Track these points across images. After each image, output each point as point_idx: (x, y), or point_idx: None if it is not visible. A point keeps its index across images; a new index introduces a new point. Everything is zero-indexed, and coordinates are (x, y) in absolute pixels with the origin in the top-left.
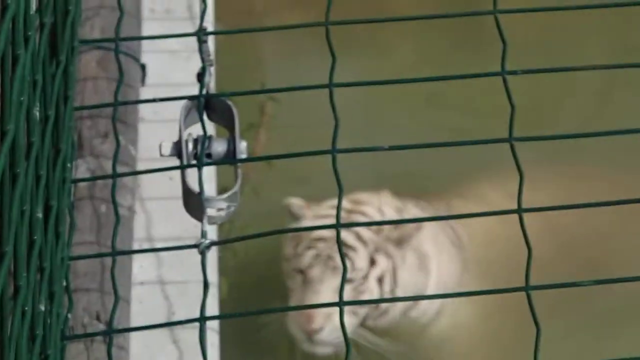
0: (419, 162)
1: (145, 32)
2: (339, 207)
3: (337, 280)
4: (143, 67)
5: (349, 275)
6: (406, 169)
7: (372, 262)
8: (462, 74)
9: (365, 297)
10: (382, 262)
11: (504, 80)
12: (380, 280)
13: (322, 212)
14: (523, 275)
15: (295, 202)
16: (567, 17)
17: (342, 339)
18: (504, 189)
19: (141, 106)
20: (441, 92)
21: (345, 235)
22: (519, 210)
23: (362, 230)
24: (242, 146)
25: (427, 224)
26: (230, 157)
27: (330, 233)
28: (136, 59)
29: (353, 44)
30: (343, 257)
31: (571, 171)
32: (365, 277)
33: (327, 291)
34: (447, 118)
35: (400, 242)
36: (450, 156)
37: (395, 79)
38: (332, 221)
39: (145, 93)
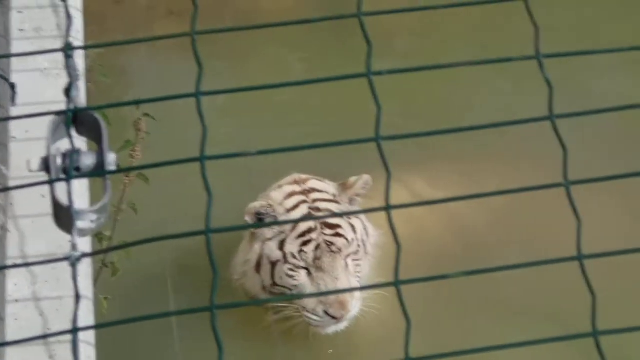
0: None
1: (15, 51)
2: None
3: (343, 261)
4: (13, 87)
5: (352, 249)
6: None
7: (354, 231)
8: (329, 76)
9: (361, 264)
10: (358, 226)
11: (370, 82)
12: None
13: (288, 205)
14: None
15: (259, 204)
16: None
17: None
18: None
19: (12, 125)
20: (309, 94)
21: (340, 223)
22: (388, 208)
23: (332, 207)
24: (111, 158)
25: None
26: (99, 170)
27: (312, 223)
28: (5, 79)
29: (234, 52)
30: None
31: (468, 168)
32: (359, 246)
33: (343, 274)
34: (314, 119)
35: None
36: (334, 155)
37: (265, 84)
38: (300, 210)
39: (16, 112)
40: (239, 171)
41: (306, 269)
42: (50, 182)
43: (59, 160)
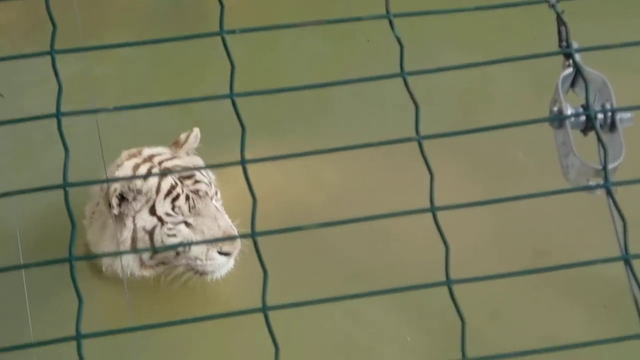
0: None
1: None
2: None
3: (212, 203)
4: None
5: (213, 191)
6: None
7: (205, 176)
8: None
9: (222, 205)
10: (204, 173)
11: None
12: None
13: (138, 162)
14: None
15: (118, 185)
16: None
17: None
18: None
19: None
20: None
21: (194, 171)
22: (243, 162)
23: (178, 162)
24: None
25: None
26: None
27: (173, 180)
28: None
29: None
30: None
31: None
32: (215, 187)
33: (219, 214)
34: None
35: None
36: None
37: None
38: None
39: None
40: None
41: (184, 222)
42: None
43: None
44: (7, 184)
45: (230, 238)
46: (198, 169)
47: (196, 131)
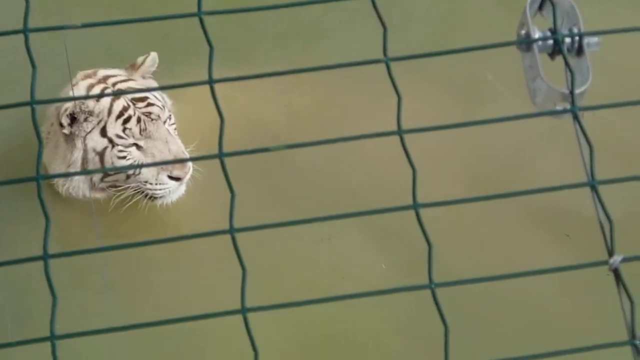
0: None
1: None
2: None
3: (164, 126)
4: None
5: (166, 114)
6: None
7: (159, 99)
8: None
9: (176, 128)
10: (159, 96)
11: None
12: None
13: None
14: None
15: (69, 105)
16: None
17: None
18: None
19: None
20: None
21: (147, 94)
22: (211, 82)
23: (132, 84)
24: None
25: None
26: None
27: (125, 102)
28: None
29: None
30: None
31: None
32: (169, 111)
33: (170, 137)
34: None
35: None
36: None
37: None
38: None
39: None
40: None
41: (134, 144)
42: None
43: None
44: None
45: (182, 161)
46: (155, 89)
47: (153, 55)
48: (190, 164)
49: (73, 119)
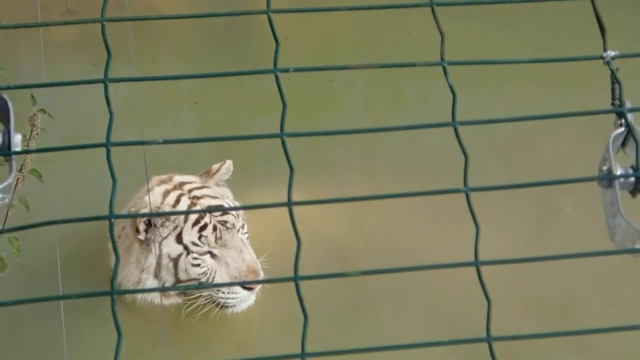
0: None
1: None
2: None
3: (238, 235)
4: None
5: (240, 223)
6: None
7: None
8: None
9: (249, 238)
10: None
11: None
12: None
13: (171, 202)
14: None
15: (147, 212)
16: None
17: None
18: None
19: None
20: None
21: (221, 202)
22: (289, 204)
23: (207, 192)
24: (17, 139)
25: None
26: (4, 150)
27: (194, 206)
28: None
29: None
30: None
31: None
32: (242, 220)
33: (244, 247)
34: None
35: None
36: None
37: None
38: (183, 202)
39: None
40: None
41: (209, 252)
42: None
43: None
44: (48, 209)
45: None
46: (237, 209)
47: (229, 163)
48: (262, 274)
49: (149, 224)
